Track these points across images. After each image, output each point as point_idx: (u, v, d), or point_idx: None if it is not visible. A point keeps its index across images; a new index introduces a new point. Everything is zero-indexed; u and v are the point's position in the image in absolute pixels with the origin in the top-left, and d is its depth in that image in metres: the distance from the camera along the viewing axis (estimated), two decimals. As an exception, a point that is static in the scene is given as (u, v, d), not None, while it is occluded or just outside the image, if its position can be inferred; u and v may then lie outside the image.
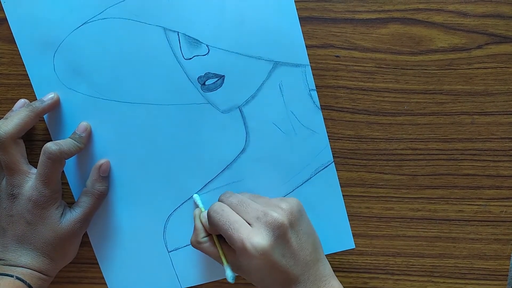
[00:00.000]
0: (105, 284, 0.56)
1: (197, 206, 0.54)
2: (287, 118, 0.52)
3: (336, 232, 0.54)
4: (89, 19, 0.51)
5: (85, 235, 0.55)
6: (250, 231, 0.45)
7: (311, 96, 0.52)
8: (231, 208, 0.48)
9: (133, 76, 0.52)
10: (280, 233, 0.46)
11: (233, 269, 0.49)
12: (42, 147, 0.50)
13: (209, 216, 0.48)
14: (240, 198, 0.49)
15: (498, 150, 0.52)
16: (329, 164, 0.53)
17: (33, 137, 0.54)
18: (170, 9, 0.51)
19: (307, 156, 0.53)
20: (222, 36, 0.51)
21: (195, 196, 0.54)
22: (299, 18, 0.51)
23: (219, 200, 0.50)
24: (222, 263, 0.49)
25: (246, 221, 0.46)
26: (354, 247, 0.55)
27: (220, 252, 0.49)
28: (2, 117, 0.53)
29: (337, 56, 0.52)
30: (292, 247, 0.46)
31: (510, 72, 0.51)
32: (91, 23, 0.51)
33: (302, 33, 0.51)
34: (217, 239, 0.50)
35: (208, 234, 0.51)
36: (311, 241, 0.48)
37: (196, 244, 0.51)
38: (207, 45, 0.51)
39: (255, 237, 0.45)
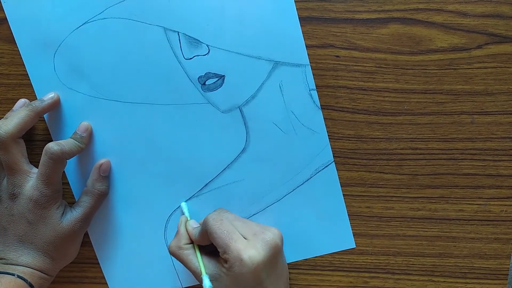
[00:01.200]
0: (106, 283, 0.56)
1: (183, 213, 0.54)
2: (287, 118, 0.52)
3: (336, 232, 0.55)
4: (89, 19, 0.51)
5: (86, 235, 0.55)
6: (247, 243, 0.47)
7: (311, 96, 0.52)
8: (228, 221, 0.49)
9: (133, 76, 0.52)
10: (274, 252, 0.47)
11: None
12: (42, 147, 0.50)
13: (207, 223, 0.48)
14: (234, 215, 0.52)
15: (498, 150, 0.52)
16: (329, 164, 0.53)
17: (33, 137, 0.54)
18: (170, 9, 0.51)
19: (307, 156, 0.53)
20: (222, 36, 0.51)
21: (183, 204, 0.54)
22: (299, 18, 0.51)
23: (209, 216, 0.49)
24: (197, 274, 0.49)
25: (242, 235, 0.48)
26: (355, 246, 0.55)
27: (200, 260, 0.49)
28: (2, 117, 0.54)
29: (337, 56, 0.52)
30: (276, 272, 0.48)
31: (510, 71, 0.51)
32: (91, 23, 0.51)
33: (302, 33, 0.51)
34: (198, 248, 0.51)
35: (190, 243, 0.51)
36: (286, 270, 0.51)
37: (176, 249, 0.51)
38: (207, 45, 0.51)
39: (252, 250, 0.46)
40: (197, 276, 0.49)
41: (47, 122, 0.53)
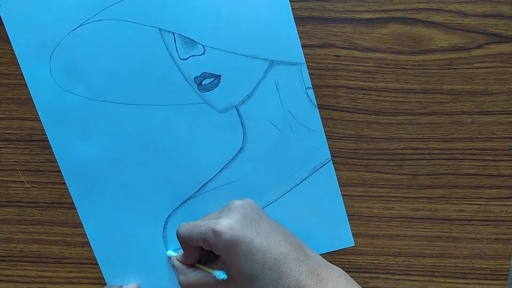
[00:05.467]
0: (105, 284, 0.56)
1: (170, 257, 0.55)
2: (284, 116, 0.52)
3: (335, 230, 0.54)
4: (85, 21, 0.51)
5: (85, 235, 0.55)
6: (216, 219, 0.47)
7: (307, 94, 0.52)
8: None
9: (129, 77, 0.52)
10: (245, 211, 0.47)
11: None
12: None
13: (177, 233, 0.49)
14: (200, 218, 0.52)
15: (499, 150, 0.52)
16: (327, 162, 0.53)
17: (33, 137, 0.54)
18: (165, 9, 0.51)
19: (305, 155, 0.53)
20: (217, 36, 0.51)
21: (168, 252, 0.55)
22: (299, 18, 0.51)
23: (177, 229, 0.49)
24: (211, 281, 0.49)
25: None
26: (354, 245, 0.55)
27: (204, 267, 0.49)
28: (3, 118, 0.54)
29: (337, 56, 0.52)
30: (265, 226, 0.47)
31: (510, 71, 0.51)
32: (87, 25, 0.51)
33: (303, 33, 0.51)
34: (199, 263, 0.51)
35: (190, 267, 0.51)
36: (285, 229, 0.49)
37: (184, 278, 0.50)
38: (203, 45, 0.51)
39: (221, 219, 0.46)
40: (213, 283, 0.49)
41: (44, 125, 0.53)
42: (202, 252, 0.50)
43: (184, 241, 0.48)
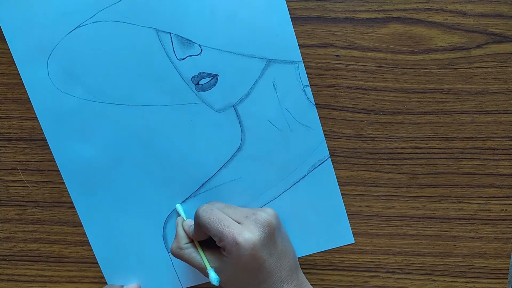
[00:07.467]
0: (106, 283, 0.56)
1: (179, 215, 0.54)
2: (282, 115, 0.52)
3: (335, 228, 0.54)
4: (82, 23, 0.51)
5: (85, 234, 0.55)
6: (241, 227, 0.46)
7: (305, 92, 0.52)
8: (218, 210, 0.49)
9: (127, 78, 0.52)
10: (269, 231, 0.47)
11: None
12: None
13: (198, 215, 0.48)
14: (225, 204, 0.51)
15: (498, 149, 0.52)
16: (326, 160, 0.53)
17: (33, 136, 0.54)
18: (161, 10, 0.50)
19: (303, 152, 0.53)
20: (214, 36, 0.51)
21: (178, 206, 0.54)
22: (299, 18, 0.51)
23: (199, 209, 0.49)
24: (202, 270, 0.49)
25: (235, 221, 0.48)
26: (354, 242, 0.55)
27: (203, 256, 0.49)
28: (3, 117, 0.54)
29: (337, 56, 0.52)
30: (278, 249, 0.48)
31: (510, 71, 0.51)
32: (84, 26, 0.51)
33: (303, 33, 0.51)
34: (199, 245, 0.50)
35: (190, 242, 0.51)
36: (291, 249, 0.50)
37: (177, 250, 0.50)
38: (199, 45, 0.51)
39: (246, 232, 0.46)
40: (204, 272, 0.49)
41: (42, 127, 0.53)
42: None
43: (200, 225, 0.48)
